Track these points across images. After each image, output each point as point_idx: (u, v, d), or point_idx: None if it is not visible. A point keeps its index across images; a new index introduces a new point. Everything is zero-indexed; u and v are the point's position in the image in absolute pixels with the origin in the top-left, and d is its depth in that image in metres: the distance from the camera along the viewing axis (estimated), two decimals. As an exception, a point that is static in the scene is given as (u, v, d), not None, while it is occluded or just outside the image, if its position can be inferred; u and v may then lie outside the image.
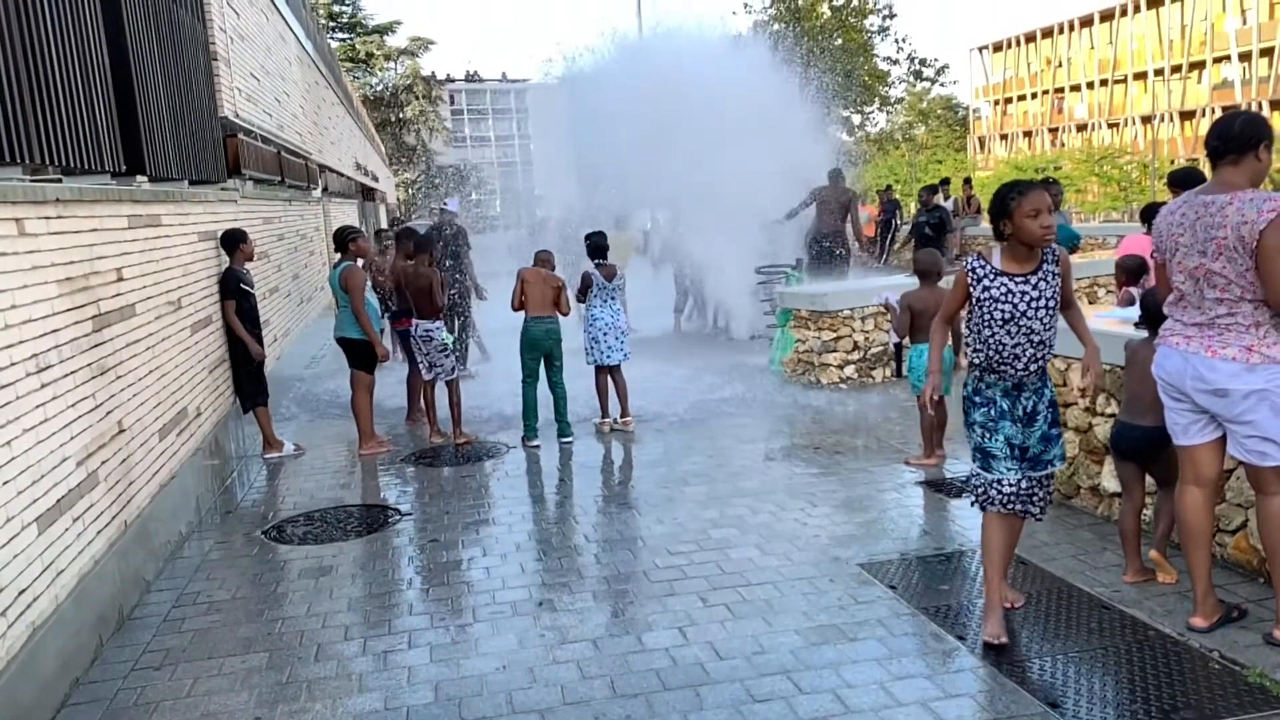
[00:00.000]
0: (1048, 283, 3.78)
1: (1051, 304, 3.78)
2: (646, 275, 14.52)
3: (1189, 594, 4.02)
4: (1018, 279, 3.78)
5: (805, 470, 6.60)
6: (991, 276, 3.81)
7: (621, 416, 8.06)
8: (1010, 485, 3.88)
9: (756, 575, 4.76)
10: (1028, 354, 3.79)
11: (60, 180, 4.60)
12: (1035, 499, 3.94)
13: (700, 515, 5.72)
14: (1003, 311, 3.76)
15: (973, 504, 4.03)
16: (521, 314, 7.73)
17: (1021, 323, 3.75)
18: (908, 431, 7.31)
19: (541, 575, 4.94)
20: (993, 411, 3.88)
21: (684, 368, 10.49)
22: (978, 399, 3.93)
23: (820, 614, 4.29)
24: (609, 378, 8.06)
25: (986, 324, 3.81)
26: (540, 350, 7.64)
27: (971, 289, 3.85)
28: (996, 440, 3.88)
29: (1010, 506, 3.91)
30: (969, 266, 3.88)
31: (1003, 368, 3.82)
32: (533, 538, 5.58)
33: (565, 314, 7.78)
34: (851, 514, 5.66)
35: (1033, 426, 3.87)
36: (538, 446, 7.56)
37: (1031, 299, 3.76)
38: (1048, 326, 3.79)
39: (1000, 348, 3.79)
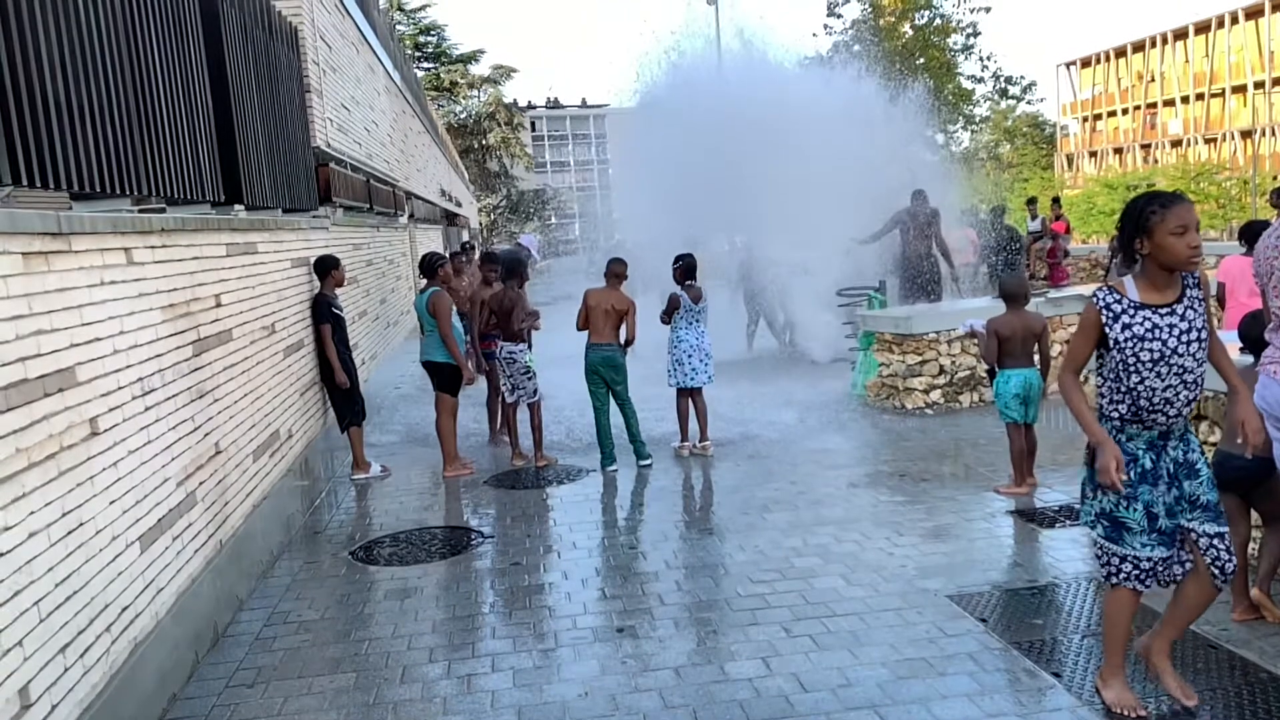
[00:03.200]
0: (1195, 310, 3.27)
1: (1204, 335, 3.28)
2: (722, 298, 14.49)
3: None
4: (1162, 310, 3.25)
5: (891, 498, 6.47)
6: (1132, 311, 3.27)
7: (701, 440, 8.03)
8: (1148, 562, 3.37)
9: (841, 606, 4.67)
10: (1181, 397, 3.27)
11: (164, 210, 4.81)
12: (1218, 560, 3.34)
13: (782, 543, 5.65)
14: (1151, 351, 3.22)
15: (1106, 579, 3.52)
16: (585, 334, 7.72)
17: (1173, 361, 3.22)
18: (997, 459, 7.12)
19: (623, 601, 4.93)
20: (1132, 474, 3.33)
21: (763, 391, 10.41)
22: None
23: (908, 647, 4.19)
24: (690, 401, 8.04)
25: (1132, 369, 3.25)
26: (599, 376, 7.63)
27: (1107, 328, 3.29)
28: (1134, 510, 3.34)
29: (1149, 584, 3.41)
30: (1100, 302, 3.32)
31: (1153, 416, 3.31)
32: (613, 563, 5.58)
33: (631, 339, 7.63)
34: (939, 544, 5.53)
35: (1196, 478, 3.33)
36: (616, 471, 7.57)
37: (1181, 332, 3.23)
38: (1201, 362, 3.28)
39: (1149, 394, 3.26)
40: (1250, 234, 7.31)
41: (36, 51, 3.42)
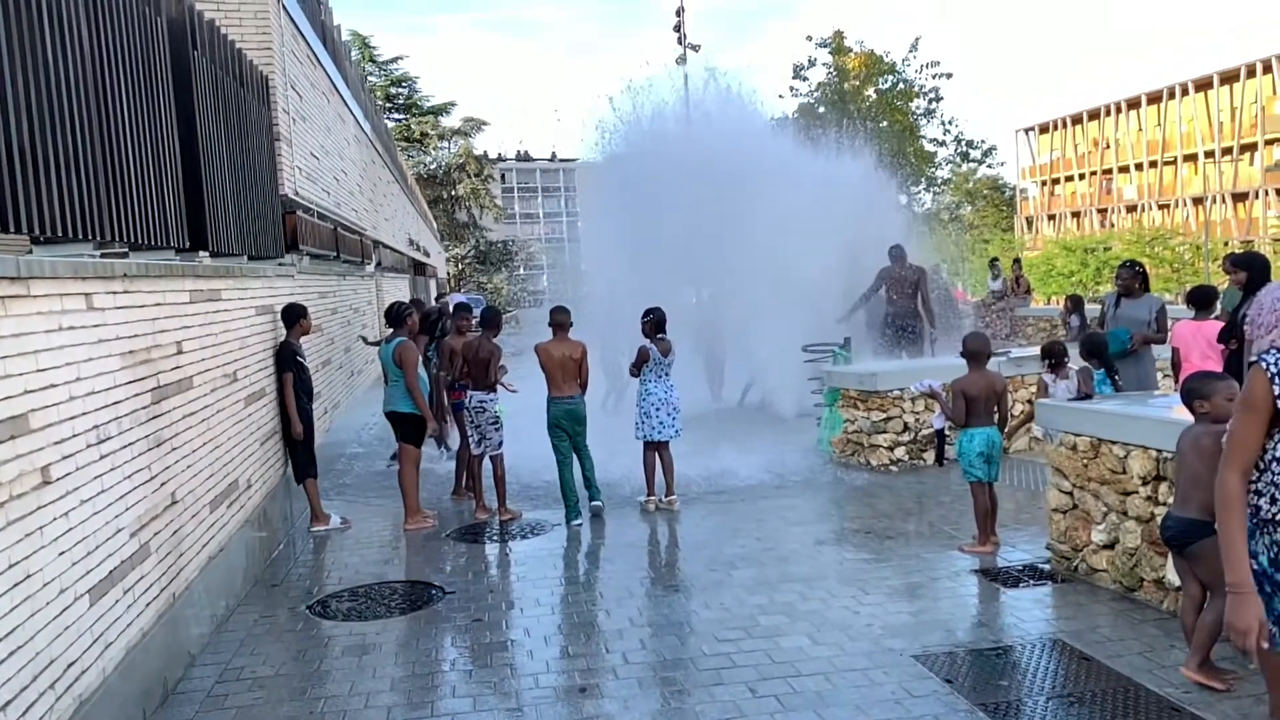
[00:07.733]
0: None
1: None
2: (687, 353, 14.50)
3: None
4: None
5: (856, 555, 6.46)
6: None
7: (667, 495, 7.98)
8: None
9: (807, 665, 4.62)
10: None
11: (127, 255, 4.74)
12: None
13: (748, 601, 5.60)
14: None
15: None
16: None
17: None
18: (961, 517, 7.14)
19: (586, 659, 4.85)
20: None
21: (730, 446, 10.39)
22: None
23: (874, 708, 4.14)
24: (656, 454, 8.00)
25: None
26: (562, 430, 7.63)
27: None
28: None
29: None
30: (1272, 368, 2.65)
31: None
32: (576, 620, 5.49)
33: (584, 384, 7.71)
34: (905, 602, 5.51)
35: None
36: (580, 525, 7.50)
37: None
38: None
39: None
40: (1198, 298, 7.42)
41: (0, 95, 3.38)
